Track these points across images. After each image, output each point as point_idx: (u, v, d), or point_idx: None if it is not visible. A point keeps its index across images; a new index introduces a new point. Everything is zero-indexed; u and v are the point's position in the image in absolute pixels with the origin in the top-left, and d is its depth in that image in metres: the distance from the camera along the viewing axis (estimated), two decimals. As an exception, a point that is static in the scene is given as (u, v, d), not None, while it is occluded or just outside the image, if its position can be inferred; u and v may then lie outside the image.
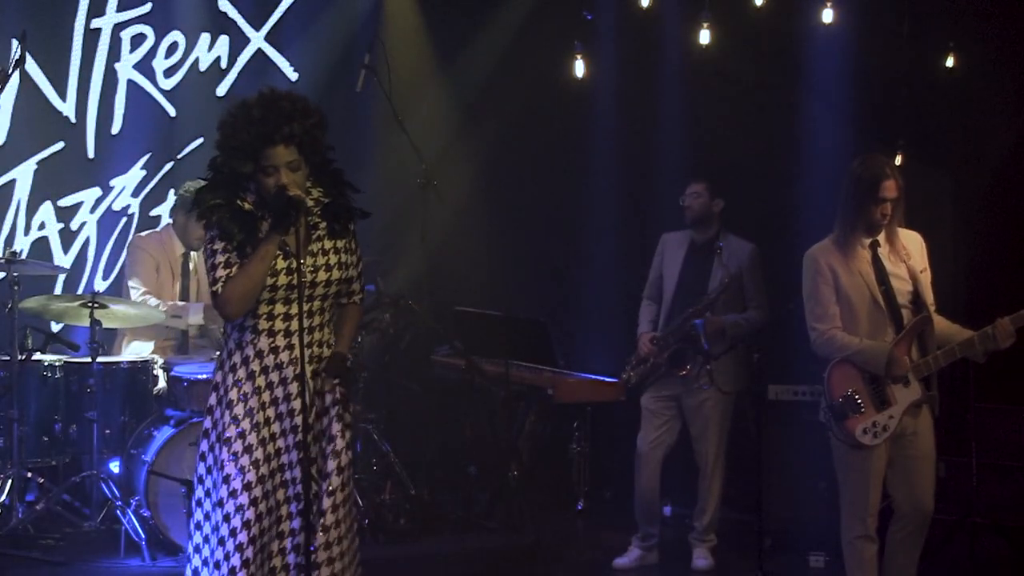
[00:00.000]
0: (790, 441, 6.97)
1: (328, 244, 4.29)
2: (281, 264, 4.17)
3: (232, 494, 4.09)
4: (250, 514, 4.07)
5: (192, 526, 4.24)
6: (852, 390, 5.09)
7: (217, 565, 4.10)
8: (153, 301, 6.78)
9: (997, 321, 4.98)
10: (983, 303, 5.43)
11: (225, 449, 4.13)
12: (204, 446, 4.24)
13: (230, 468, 4.10)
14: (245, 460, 4.10)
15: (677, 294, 6.61)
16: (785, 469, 6.93)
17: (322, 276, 4.25)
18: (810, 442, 6.86)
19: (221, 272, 4.14)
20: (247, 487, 4.09)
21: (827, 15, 7.43)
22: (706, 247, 6.57)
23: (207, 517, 4.16)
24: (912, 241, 5.22)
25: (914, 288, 5.13)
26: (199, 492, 4.22)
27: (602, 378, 7.08)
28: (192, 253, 6.96)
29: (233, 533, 4.07)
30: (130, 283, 6.94)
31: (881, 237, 5.16)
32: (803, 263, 5.25)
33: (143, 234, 7.12)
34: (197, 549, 4.20)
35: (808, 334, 5.24)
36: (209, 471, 4.18)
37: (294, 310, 4.19)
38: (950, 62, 7.54)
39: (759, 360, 6.18)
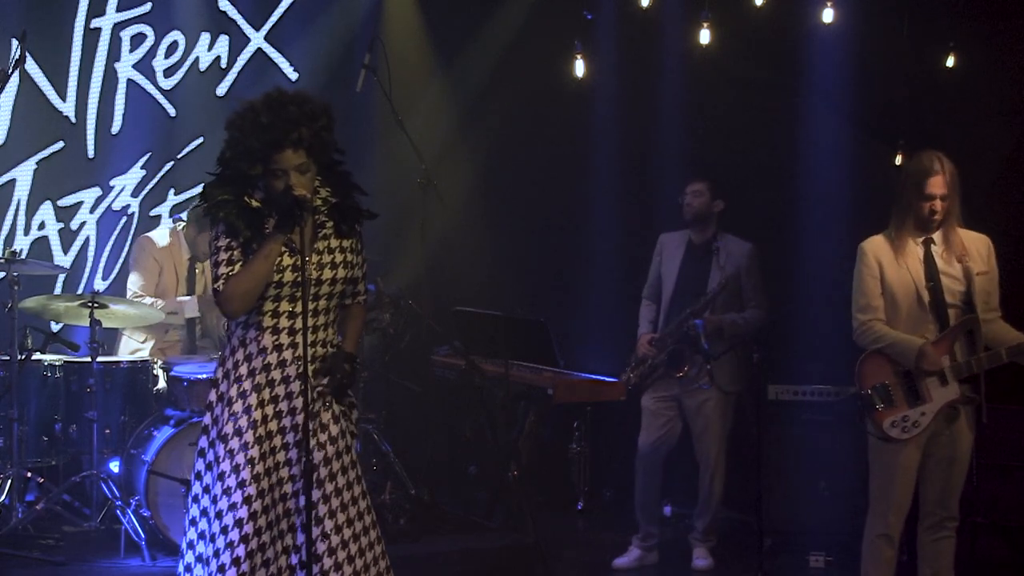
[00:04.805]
0: (790, 441, 6.97)
1: (334, 243, 4.29)
2: (287, 261, 4.17)
3: (226, 492, 4.09)
4: (243, 512, 4.06)
5: (187, 522, 4.24)
6: (884, 382, 5.07)
7: (207, 561, 4.10)
8: (148, 300, 6.80)
9: None
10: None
11: (222, 445, 4.13)
12: (203, 442, 4.24)
13: (225, 465, 4.10)
14: (240, 459, 4.09)
15: (675, 294, 6.63)
16: (785, 469, 6.93)
17: (327, 274, 4.25)
18: (810, 442, 6.88)
19: (224, 269, 4.14)
20: (241, 485, 4.08)
21: (827, 15, 7.42)
22: (704, 247, 6.58)
23: (203, 513, 4.16)
24: (976, 243, 5.16)
25: (967, 289, 5.07)
26: (196, 488, 4.22)
27: (602, 378, 7.07)
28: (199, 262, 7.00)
29: (224, 531, 4.07)
30: (128, 280, 7.00)
31: (938, 236, 5.11)
32: (856, 254, 5.21)
33: (152, 235, 7.11)
34: (191, 545, 4.20)
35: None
36: (209, 467, 4.18)
37: (299, 308, 4.19)
38: (950, 62, 7.53)
39: (759, 360, 6.18)
